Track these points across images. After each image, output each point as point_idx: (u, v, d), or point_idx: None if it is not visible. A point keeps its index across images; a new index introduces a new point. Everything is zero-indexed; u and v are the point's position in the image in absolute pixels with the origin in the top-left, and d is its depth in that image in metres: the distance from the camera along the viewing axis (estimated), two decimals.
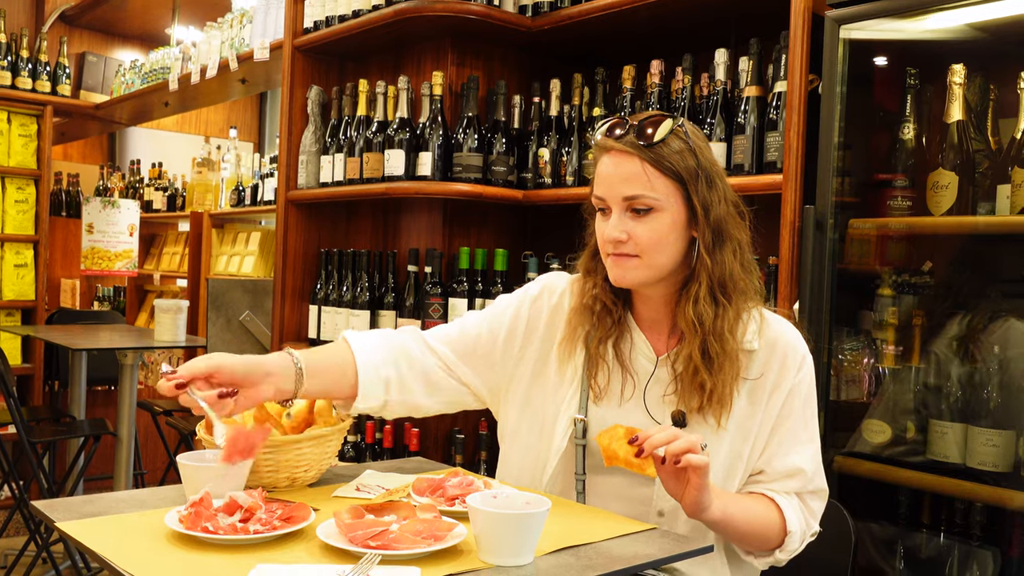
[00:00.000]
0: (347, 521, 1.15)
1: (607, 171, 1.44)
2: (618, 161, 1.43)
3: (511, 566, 1.11)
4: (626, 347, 1.51)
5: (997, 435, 1.84)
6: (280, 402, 1.51)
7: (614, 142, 1.44)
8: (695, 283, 1.44)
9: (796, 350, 1.49)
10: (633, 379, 1.50)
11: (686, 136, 1.44)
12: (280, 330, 3.17)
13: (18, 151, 4.79)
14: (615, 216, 1.43)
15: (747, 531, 1.41)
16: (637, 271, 1.43)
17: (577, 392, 1.51)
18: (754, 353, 1.47)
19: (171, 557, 1.11)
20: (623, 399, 1.50)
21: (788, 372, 1.48)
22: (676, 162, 1.42)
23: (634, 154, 1.41)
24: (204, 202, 5.36)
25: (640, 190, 1.41)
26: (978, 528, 1.96)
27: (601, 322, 1.51)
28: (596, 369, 1.50)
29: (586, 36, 2.70)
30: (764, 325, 1.49)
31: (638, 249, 1.42)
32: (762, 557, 1.46)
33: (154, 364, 5.68)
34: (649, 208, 1.41)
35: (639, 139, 1.41)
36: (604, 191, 1.44)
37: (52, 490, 3.76)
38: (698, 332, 1.42)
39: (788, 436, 1.47)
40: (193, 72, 4.07)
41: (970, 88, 1.96)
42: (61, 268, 5.40)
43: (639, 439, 1.30)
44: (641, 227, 1.42)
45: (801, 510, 1.47)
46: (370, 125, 2.89)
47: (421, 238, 2.96)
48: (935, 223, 1.96)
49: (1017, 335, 1.90)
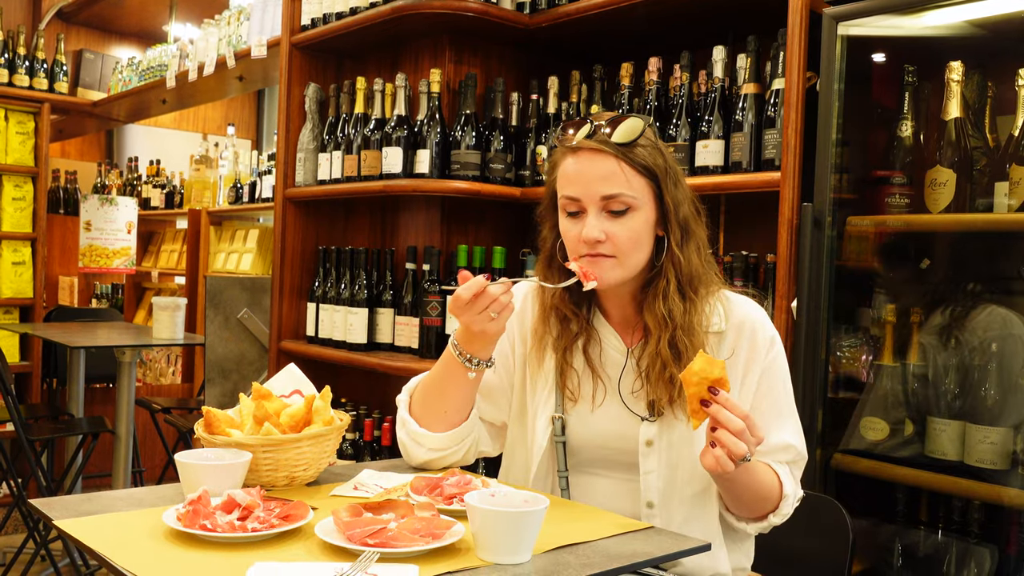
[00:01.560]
0: (345, 519, 1.15)
1: (579, 170, 1.43)
2: (591, 160, 1.42)
3: (509, 564, 1.11)
4: (595, 350, 1.52)
5: (995, 432, 1.84)
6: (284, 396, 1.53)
7: (584, 140, 1.43)
8: (663, 279, 1.45)
9: (764, 328, 1.50)
10: (604, 382, 1.52)
11: (654, 135, 1.45)
12: (278, 328, 3.17)
13: (15, 149, 4.78)
14: (592, 216, 1.42)
15: (753, 491, 1.42)
16: (613, 271, 1.44)
17: (553, 393, 1.53)
18: (722, 335, 1.49)
19: (169, 555, 1.11)
20: (595, 404, 1.51)
21: (759, 351, 1.49)
22: (648, 159, 1.43)
23: (609, 153, 1.41)
24: (202, 199, 5.36)
25: (619, 188, 1.41)
26: (975, 525, 1.97)
27: (565, 329, 1.52)
28: (566, 376, 1.52)
29: (584, 33, 2.70)
30: (729, 306, 1.51)
31: (614, 249, 1.42)
32: (755, 523, 1.47)
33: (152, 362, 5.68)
34: (627, 208, 1.42)
35: (611, 136, 1.41)
36: (579, 191, 1.43)
37: (50, 488, 3.76)
38: (668, 327, 1.43)
39: (773, 414, 1.48)
40: (191, 69, 4.06)
41: (968, 85, 1.96)
42: (59, 266, 5.40)
43: (712, 405, 1.28)
44: (618, 227, 1.42)
45: (792, 476, 1.49)
46: (368, 123, 2.89)
47: (419, 236, 2.96)
48: (933, 220, 1.96)
49: (1015, 333, 1.90)
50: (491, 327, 1.42)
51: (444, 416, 1.53)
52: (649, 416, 1.47)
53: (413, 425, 1.55)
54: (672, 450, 1.47)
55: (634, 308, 1.52)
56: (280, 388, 1.57)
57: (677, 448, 1.46)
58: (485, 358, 1.48)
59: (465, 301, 1.39)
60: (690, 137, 2.29)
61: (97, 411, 4.60)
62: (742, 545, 1.54)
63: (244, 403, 1.49)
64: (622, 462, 1.50)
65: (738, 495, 1.43)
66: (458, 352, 1.47)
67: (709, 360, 1.29)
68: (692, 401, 1.29)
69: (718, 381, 1.28)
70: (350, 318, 2.88)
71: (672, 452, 1.47)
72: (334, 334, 2.94)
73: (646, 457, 1.47)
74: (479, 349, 1.47)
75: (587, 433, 1.51)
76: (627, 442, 1.48)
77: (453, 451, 1.55)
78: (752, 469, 1.40)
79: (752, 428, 1.29)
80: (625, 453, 1.49)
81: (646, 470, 1.47)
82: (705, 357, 1.29)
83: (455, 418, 1.53)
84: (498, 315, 1.41)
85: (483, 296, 1.39)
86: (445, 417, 1.53)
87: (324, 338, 2.99)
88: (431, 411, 1.53)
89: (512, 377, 1.60)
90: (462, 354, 1.47)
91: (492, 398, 1.61)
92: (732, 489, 1.42)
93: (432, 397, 1.53)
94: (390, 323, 2.86)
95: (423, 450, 1.54)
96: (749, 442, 1.28)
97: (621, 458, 1.50)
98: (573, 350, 1.52)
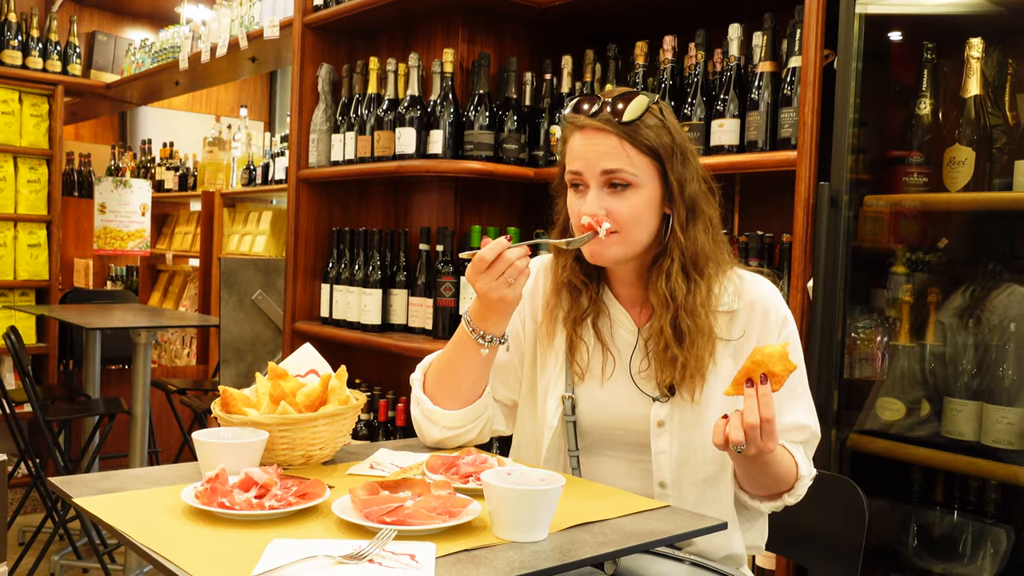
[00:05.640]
0: (362, 497, 1.16)
1: (582, 147, 1.44)
2: (593, 138, 1.42)
3: (525, 542, 1.12)
4: (605, 325, 1.52)
5: (1012, 412, 1.83)
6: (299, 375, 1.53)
7: (587, 119, 1.43)
8: (667, 259, 1.45)
9: (777, 308, 1.50)
10: (614, 356, 1.51)
11: (661, 113, 1.44)
12: (292, 309, 3.18)
13: (30, 131, 4.80)
14: (593, 192, 1.43)
15: (770, 471, 1.41)
16: (614, 248, 1.43)
17: (563, 371, 1.53)
18: (734, 314, 1.48)
19: (188, 532, 1.12)
20: (604, 377, 1.51)
21: (771, 331, 1.48)
22: (652, 139, 1.42)
23: (610, 131, 1.41)
24: (215, 181, 5.36)
25: (620, 164, 1.41)
26: (992, 506, 1.96)
27: (576, 302, 1.52)
28: (576, 350, 1.52)
29: (598, 11, 2.68)
30: (742, 284, 1.50)
31: (616, 225, 1.42)
32: (769, 502, 1.47)
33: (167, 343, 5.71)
34: (627, 184, 1.42)
35: (614, 116, 1.41)
36: (581, 165, 1.44)
37: (68, 468, 3.79)
38: (670, 307, 1.43)
39: (786, 394, 1.47)
40: (203, 51, 4.06)
41: (987, 63, 1.93)
42: (74, 248, 5.42)
43: (750, 388, 1.28)
44: (619, 203, 1.42)
45: (806, 456, 1.49)
46: (381, 103, 2.88)
47: (432, 216, 2.96)
48: (951, 199, 1.94)
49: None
50: (509, 293, 1.42)
51: (458, 393, 1.53)
52: (660, 397, 1.47)
53: (427, 403, 1.55)
54: (684, 431, 1.46)
55: (641, 287, 1.52)
56: (296, 368, 1.58)
57: (689, 429, 1.46)
58: (499, 334, 1.48)
59: (488, 263, 1.40)
60: (705, 116, 2.27)
61: (113, 392, 4.64)
62: (755, 524, 1.54)
63: (260, 382, 1.50)
64: (633, 443, 1.50)
65: (754, 474, 1.43)
66: (471, 329, 1.47)
67: (784, 355, 1.29)
68: (742, 372, 1.30)
69: (773, 375, 1.28)
70: (364, 299, 2.88)
71: (684, 433, 1.46)
72: (348, 315, 2.95)
73: (657, 438, 1.47)
74: (493, 324, 1.47)
75: (597, 413, 1.51)
76: (638, 423, 1.48)
77: (467, 429, 1.55)
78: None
79: (766, 433, 1.28)
80: (636, 434, 1.49)
81: (658, 450, 1.47)
82: (784, 351, 1.30)
83: (469, 396, 1.53)
84: (515, 280, 1.41)
85: (501, 260, 1.40)
86: (459, 395, 1.53)
87: (338, 319, 3.00)
88: (445, 389, 1.54)
89: (523, 356, 1.61)
90: (475, 331, 1.47)
91: (504, 377, 1.61)
92: (748, 468, 1.41)
93: (446, 375, 1.54)
94: (404, 304, 2.86)
95: (437, 428, 1.55)
96: (752, 440, 1.28)
97: (632, 439, 1.49)
98: (584, 324, 1.52)
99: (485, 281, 1.41)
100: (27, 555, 3.74)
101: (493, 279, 1.41)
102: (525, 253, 1.42)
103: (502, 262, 1.40)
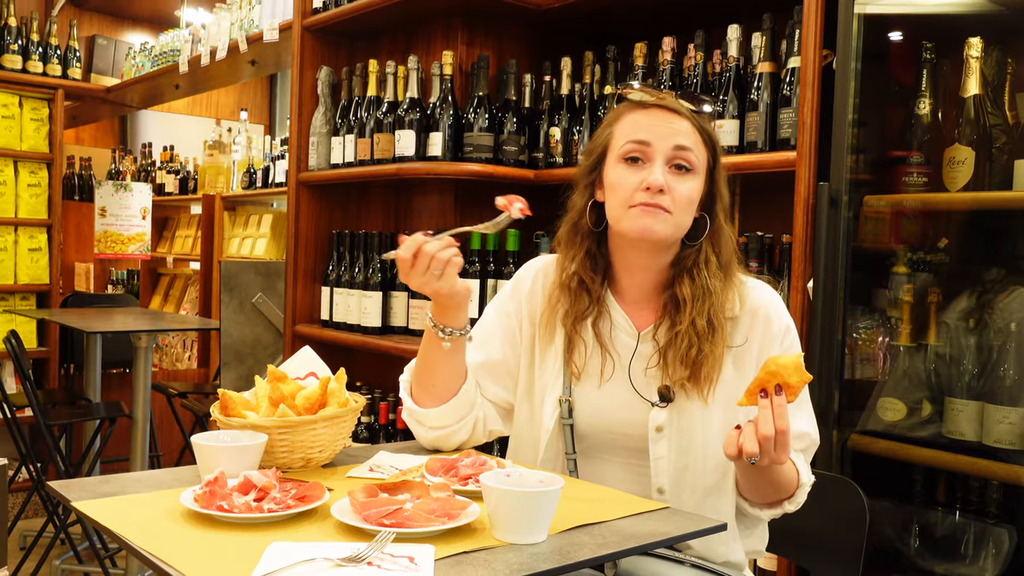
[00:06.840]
0: (361, 500, 1.16)
1: (650, 123, 1.44)
2: (666, 117, 1.44)
3: (524, 544, 1.11)
4: (605, 326, 1.52)
5: (1013, 412, 1.83)
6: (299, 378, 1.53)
7: (664, 97, 1.44)
8: (703, 253, 1.46)
9: (780, 317, 1.49)
10: (613, 358, 1.50)
11: (710, 120, 1.49)
12: (293, 312, 3.18)
13: (30, 135, 4.80)
14: (658, 165, 1.42)
15: (772, 479, 1.41)
16: (666, 225, 1.43)
17: (560, 373, 1.52)
18: (737, 320, 1.48)
19: (187, 535, 1.12)
20: (603, 379, 1.50)
21: (773, 339, 1.48)
22: (712, 133, 1.46)
23: (683, 116, 1.44)
24: (216, 185, 5.37)
25: (691, 143, 1.43)
26: (993, 506, 1.96)
27: (578, 300, 1.51)
28: (574, 349, 1.51)
29: (597, 13, 2.68)
30: (744, 291, 1.50)
31: (672, 206, 1.42)
32: (769, 509, 1.47)
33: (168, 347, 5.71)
34: (690, 168, 1.43)
35: (690, 102, 1.44)
36: (650, 136, 1.43)
37: (69, 472, 3.79)
38: (707, 300, 1.43)
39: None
40: (203, 54, 4.06)
41: (987, 62, 1.93)
42: (75, 252, 5.43)
43: (765, 399, 1.27)
44: (680, 184, 1.43)
45: (806, 464, 1.49)
46: (380, 106, 2.88)
47: (432, 219, 2.95)
48: (951, 199, 1.94)
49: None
50: (441, 285, 1.43)
51: (433, 391, 1.53)
52: (660, 402, 1.46)
53: (410, 403, 1.56)
54: (683, 436, 1.45)
55: (654, 286, 1.51)
56: (295, 370, 1.57)
57: (688, 435, 1.45)
58: (458, 327, 1.49)
59: (409, 262, 1.41)
60: None
61: (114, 396, 4.64)
62: (755, 530, 1.54)
63: (260, 385, 1.50)
64: (631, 448, 1.49)
65: (758, 483, 1.42)
66: (432, 324, 1.48)
67: (799, 366, 1.29)
68: (756, 383, 1.29)
69: (788, 387, 1.28)
70: (364, 302, 2.88)
71: (683, 439, 1.45)
72: (348, 318, 2.95)
73: (656, 443, 1.46)
74: (451, 317, 1.48)
75: (595, 416, 1.50)
76: (636, 428, 1.47)
77: (455, 428, 1.54)
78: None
79: (780, 445, 1.27)
80: (634, 439, 1.48)
81: (656, 456, 1.46)
82: (799, 362, 1.29)
83: (444, 392, 1.53)
84: (443, 272, 1.42)
85: (421, 255, 1.40)
86: (435, 392, 1.53)
87: (338, 322, 2.99)
88: (422, 387, 1.55)
89: (519, 357, 1.60)
90: (436, 325, 1.48)
91: (496, 376, 1.60)
92: (754, 477, 1.41)
93: (421, 373, 1.55)
94: (404, 306, 2.86)
95: (424, 428, 1.55)
96: (767, 451, 1.27)
97: (630, 443, 1.49)
98: (584, 323, 1.51)
99: (415, 278, 1.42)
100: (28, 560, 3.74)
101: (421, 275, 1.41)
102: (447, 244, 1.42)
103: (423, 257, 1.40)
